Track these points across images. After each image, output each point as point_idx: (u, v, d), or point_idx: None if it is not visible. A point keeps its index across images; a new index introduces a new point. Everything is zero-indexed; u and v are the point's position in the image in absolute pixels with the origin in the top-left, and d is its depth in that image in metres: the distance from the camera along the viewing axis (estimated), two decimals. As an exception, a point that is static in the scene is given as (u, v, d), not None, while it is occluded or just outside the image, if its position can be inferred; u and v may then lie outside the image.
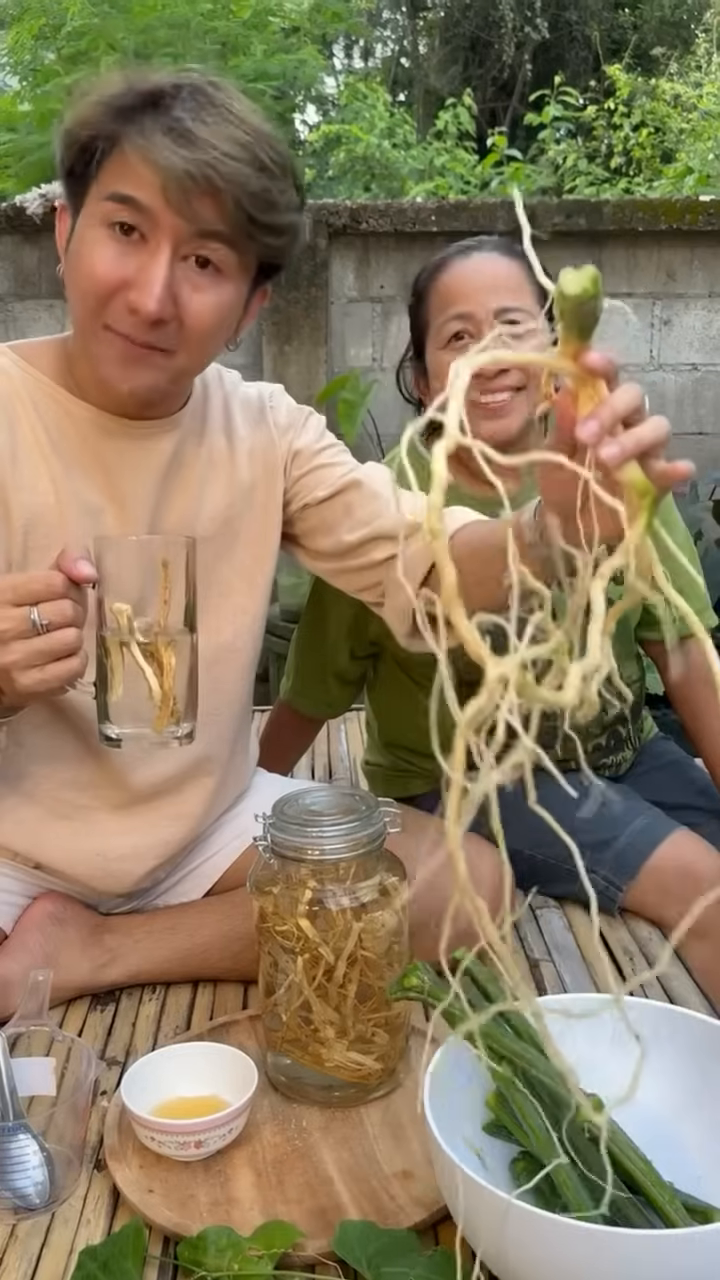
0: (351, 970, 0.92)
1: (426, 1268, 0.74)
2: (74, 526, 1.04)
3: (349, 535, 1.14)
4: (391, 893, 0.94)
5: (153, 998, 1.13)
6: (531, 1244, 0.67)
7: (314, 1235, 0.80)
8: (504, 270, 1.31)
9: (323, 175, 7.15)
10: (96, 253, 0.94)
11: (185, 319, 0.95)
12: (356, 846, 0.92)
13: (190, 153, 0.90)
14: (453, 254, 1.35)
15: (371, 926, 0.92)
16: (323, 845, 0.92)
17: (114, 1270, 0.74)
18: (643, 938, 1.26)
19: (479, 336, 1.29)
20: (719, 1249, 0.66)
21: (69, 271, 0.99)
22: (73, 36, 3.79)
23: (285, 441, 1.17)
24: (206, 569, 1.13)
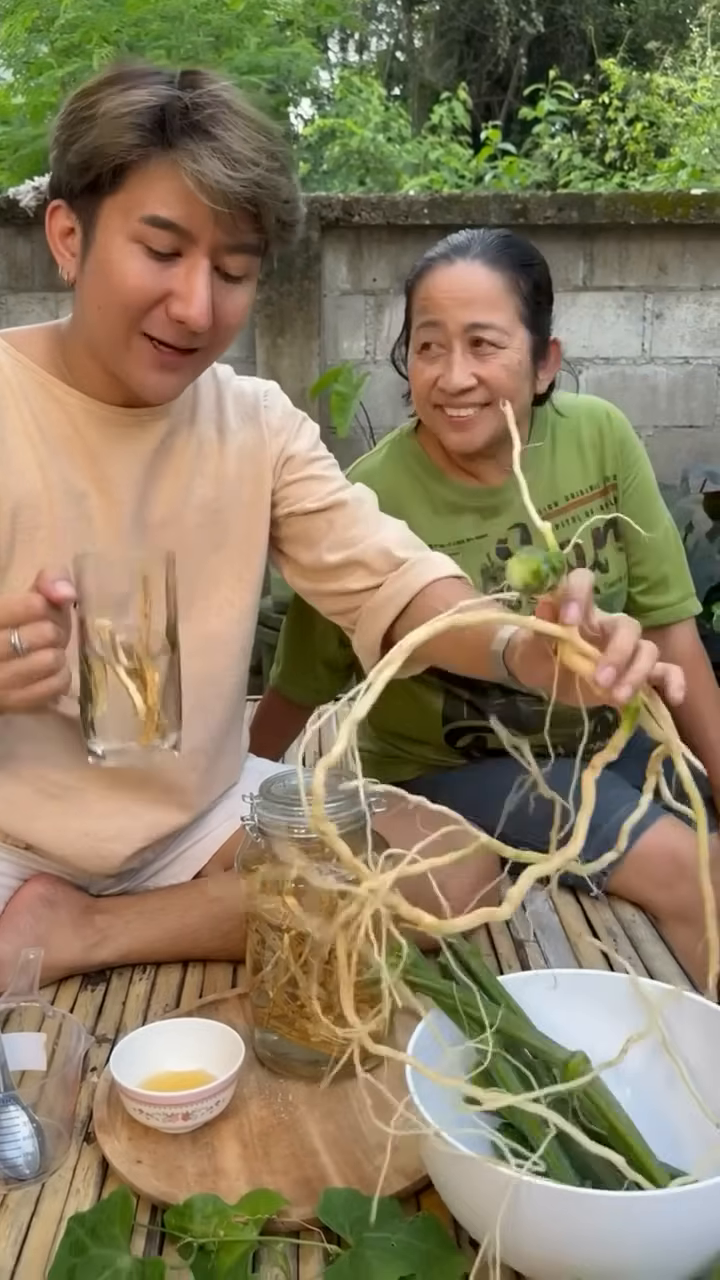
0: (327, 982, 0.93)
1: (408, 1232, 0.76)
2: (59, 511, 1.05)
3: (329, 555, 1.16)
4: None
5: (143, 977, 1.14)
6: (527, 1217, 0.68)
7: (299, 1203, 0.82)
8: (483, 283, 1.30)
9: (317, 169, 7.15)
10: (130, 267, 0.95)
11: (219, 320, 0.99)
12: (342, 825, 0.94)
13: (239, 173, 0.91)
14: (439, 256, 1.34)
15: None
16: (306, 824, 0.93)
17: (102, 1236, 0.76)
18: (626, 919, 1.28)
19: (448, 348, 1.31)
20: (700, 1208, 0.67)
21: (94, 281, 0.98)
22: (66, 29, 3.79)
23: (278, 443, 1.18)
24: (195, 559, 1.14)
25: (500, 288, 1.30)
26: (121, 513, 1.08)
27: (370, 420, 3.31)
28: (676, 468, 3.08)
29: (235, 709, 1.23)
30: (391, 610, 1.13)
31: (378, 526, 1.18)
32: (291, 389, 3.84)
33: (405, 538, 1.18)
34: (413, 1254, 0.74)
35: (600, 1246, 0.67)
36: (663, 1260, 0.68)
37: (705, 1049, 0.84)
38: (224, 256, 0.97)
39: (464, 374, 1.29)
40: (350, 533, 1.16)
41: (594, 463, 1.45)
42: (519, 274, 1.32)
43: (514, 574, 0.71)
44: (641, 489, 1.48)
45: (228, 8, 4.14)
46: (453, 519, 1.41)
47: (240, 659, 1.21)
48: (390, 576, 1.14)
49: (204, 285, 0.95)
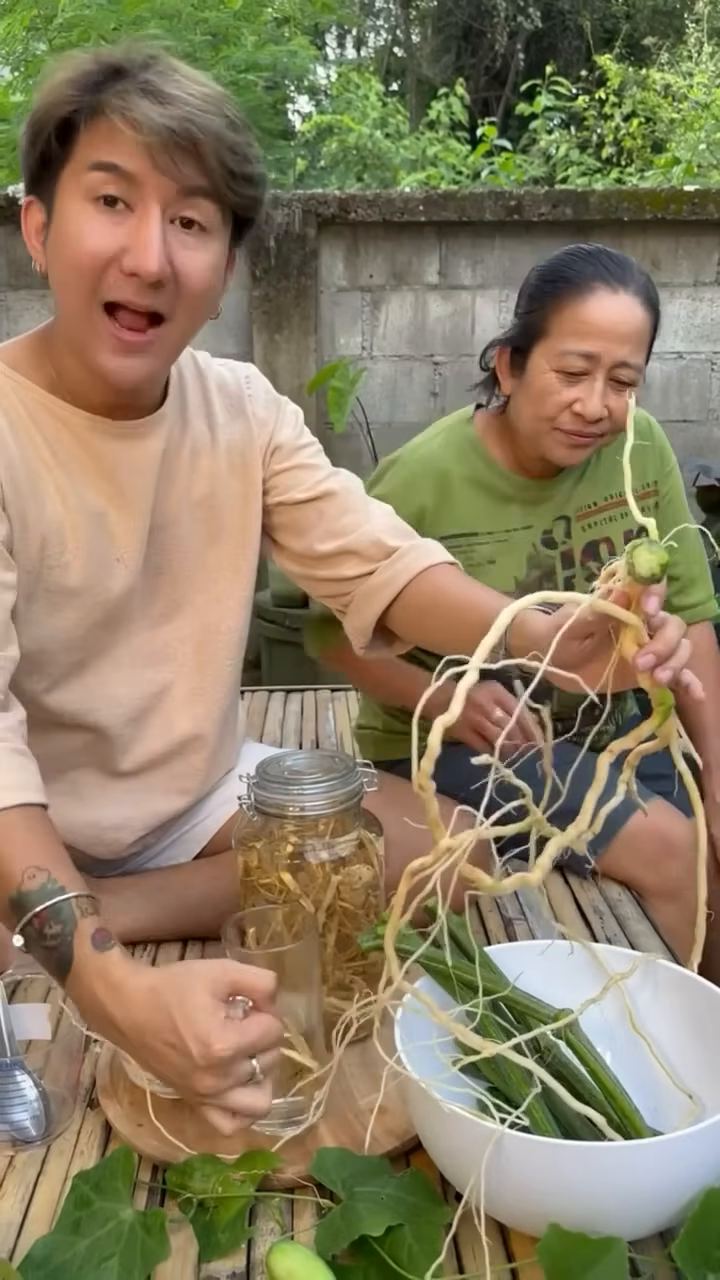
0: (330, 921, 0.97)
1: (397, 1187, 0.80)
2: (82, 533, 1.07)
3: (321, 545, 1.19)
4: (368, 847, 0.99)
5: (144, 954, 1.18)
6: (508, 1168, 0.71)
7: (294, 1163, 0.85)
8: (640, 323, 1.33)
9: (314, 165, 7.17)
10: (84, 227, 0.93)
11: (181, 279, 0.96)
12: (335, 804, 0.98)
13: (168, 109, 0.91)
14: (600, 279, 1.33)
15: (349, 879, 0.97)
16: (303, 802, 0.97)
17: (105, 1190, 0.80)
18: (613, 898, 1.32)
19: (592, 377, 1.33)
20: (670, 1160, 0.71)
21: (55, 256, 0.98)
22: (64, 28, 3.82)
23: (265, 433, 1.20)
24: (194, 553, 1.17)
25: (648, 328, 1.35)
26: (138, 524, 1.10)
27: (367, 415, 3.35)
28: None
29: (233, 697, 1.27)
30: (386, 595, 1.16)
31: (367, 515, 1.20)
32: (288, 384, 3.85)
33: (395, 525, 1.21)
34: (401, 1206, 0.78)
35: (575, 1197, 0.71)
36: (636, 1210, 0.72)
37: (680, 1015, 0.88)
38: (176, 204, 0.94)
39: (601, 405, 1.33)
40: (341, 522, 1.19)
41: (637, 467, 1.51)
42: (655, 315, 1.37)
43: (642, 562, 0.76)
44: (676, 495, 1.57)
45: (225, 6, 4.17)
46: (501, 508, 1.46)
47: (237, 648, 1.24)
48: (383, 564, 1.17)
49: (155, 232, 0.93)
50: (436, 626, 1.14)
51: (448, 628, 1.11)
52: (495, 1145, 0.71)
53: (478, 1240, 0.73)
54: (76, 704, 1.13)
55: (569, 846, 1.28)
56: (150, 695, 1.17)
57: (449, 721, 0.68)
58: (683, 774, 0.83)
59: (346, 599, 1.20)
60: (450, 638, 1.11)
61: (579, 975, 0.92)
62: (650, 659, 0.79)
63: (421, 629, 1.16)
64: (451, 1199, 0.81)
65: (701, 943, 0.89)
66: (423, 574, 1.15)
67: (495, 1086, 0.85)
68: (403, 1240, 0.75)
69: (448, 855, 0.71)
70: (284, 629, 3.18)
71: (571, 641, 0.84)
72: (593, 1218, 0.71)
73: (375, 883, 1.00)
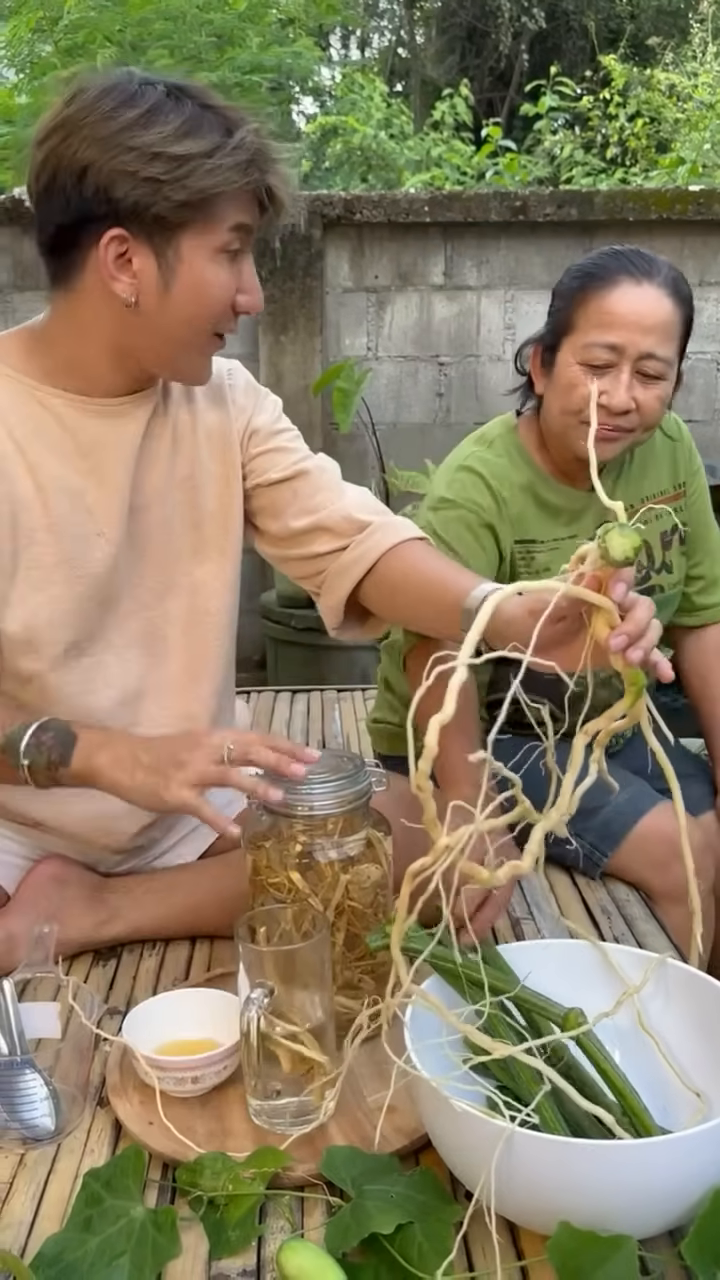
0: (339, 920, 0.98)
1: (406, 1185, 0.80)
2: (55, 509, 1.09)
3: (294, 522, 1.22)
4: (377, 847, 1.00)
5: (152, 953, 1.18)
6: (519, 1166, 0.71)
7: (303, 1161, 0.86)
8: (667, 314, 1.32)
9: (319, 166, 7.17)
10: (219, 276, 1.05)
11: None
12: (344, 803, 0.98)
13: (288, 190, 1.07)
14: (625, 272, 1.34)
15: (358, 878, 0.97)
16: (312, 802, 0.97)
17: (116, 1188, 0.80)
18: (620, 898, 1.32)
19: (617, 369, 1.32)
20: (679, 1158, 0.71)
21: (185, 300, 1.04)
22: (70, 29, 3.82)
23: (243, 418, 1.23)
24: (178, 535, 1.19)
25: (676, 320, 1.34)
26: (117, 501, 1.12)
27: (372, 416, 3.35)
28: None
29: (226, 681, 1.27)
30: (357, 572, 1.18)
31: (340, 493, 1.23)
32: (294, 385, 3.86)
33: (367, 502, 1.24)
34: (410, 1204, 0.78)
35: (585, 1195, 0.71)
36: (646, 1208, 0.72)
37: (689, 1015, 0.88)
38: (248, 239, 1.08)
39: (628, 395, 1.32)
40: (314, 499, 1.22)
41: (668, 468, 1.52)
42: (686, 310, 1.36)
43: (615, 545, 0.78)
44: (702, 495, 1.57)
45: (230, 7, 4.17)
46: (551, 517, 1.46)
47: (227, 629, 1.25)
48: (355, 540, 1.19)
49: (254, 272, 1.08)
50: (405, 604, 1.17)
51: (416, 604, 1.15)
52: (505, 1143, 0.71)
53: (488, 1238, 0.73)
54: (75, 685, 1.14)
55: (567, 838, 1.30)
56: (142, 677, 1.18)
57: (445, 720, 0.69)
58: (655, 753, 0.83)
59: (320, 578, 1.23)
60: (419, 614, 1.16)
61: (587, 973, 0.93)
62: (622, 640, 0.82)
63: (393, 606, 1.19)
64: (461, 1197, 0.81)
65: (699, 932, 0.89)
66: (393, 549, 1.17)
67: (504, 1085, 0.85)
68: (413, 1238, 0.75)
69: (447, 854, 0.71)
70: (290, 629, 3.19)
71: (544, 626, 0.84)
72: (603, 1216, 0.71)
73: (384, 882, 1.00)
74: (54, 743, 1.02)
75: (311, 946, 0.89)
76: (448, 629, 1.07)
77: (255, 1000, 0.86)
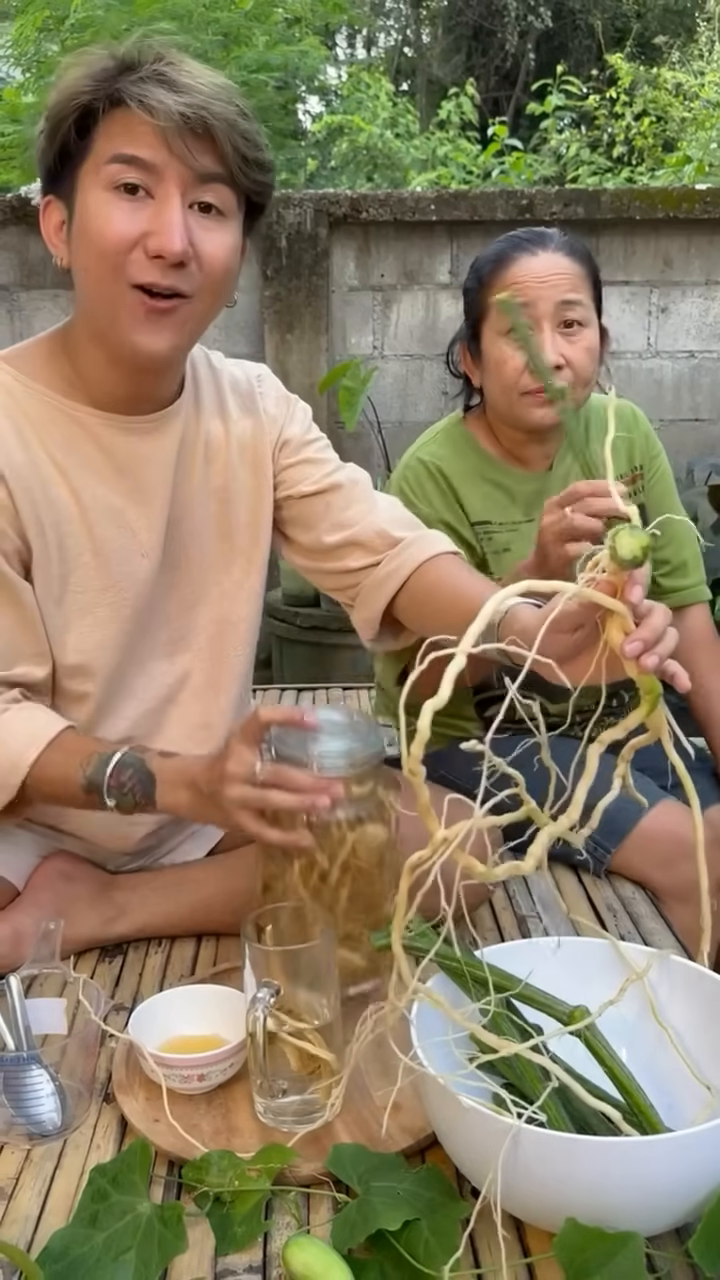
0: (344, 876, 0.96)
1: (413, 1182, 0.80)
2: (100, 531, 1.09)
3: (328, 537, 1.21)
4: (386, 807, 0.98)
5: (158, 950, 1.18)
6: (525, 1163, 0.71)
7: (309, 1159, 0.86)
8: (569, 268, 1.37)
9: (325, 165, 7.17)
10: (107, 214, 0.97)
11: (202, 259, 1.00)
12: (355, 763, 0.96)
13: (182, 97, 0.95)
14: (519, 249, 1.39)
15: (364, 838, 0.96)
16: (323, 760, 0.96)
17: (123, 1184, 0.80)
18: (626, 896, 1.32)
19: (539, 330, 1.35)
20: (685, 1155, 0.71)
21: (79, 246, 1.00)
22: (76, 29, 3.83)
23: (275, 428, 1.22)
24: (209, 545, 1.18)
25: (580, 273, 1.39)
26: (157, 518, 1.12)
27: (378, 415, 3.35)
28: (681, 461, 3.11)
29: (244, 688, 1.28)
30: (391, 586, 1.18)
31: (373, 506, 1.22)
32: (300, 384, 3.85)
33: (400, 516, 1.24)
34: (417, 1201, 0.78)
35: (592, 1191, 0.71)
36: (652, 1205, 0.72)
37: (694, 1011, 0.88)
38: (194, 189, 0.98)
39: (555, 352, 1.35)
40: (347, 514, 1.21)
41: (623, 453, 1.53)
42: (589, 265, 1.41)
43: (624, 546, 0.76)
44: (663, 479, 1.58)
45: (236, 6, 4.17)
46: (506, 502, 1.48)
47: (250, 638, 1.25)
48: (388, 555, 1.19)
49: (176, 214, 0.97)
50: (433, 616, 1.16)
51: (443, 617, 1.13)
52: (513, 1140, 0.71)
53: (494, 1235, 0.73)
54: (115, 699, 1.15)
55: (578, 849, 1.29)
56: (169, 686, 1.19)
57: (439, 705, 0.69)
58: (675, 765, 0.82)
59: (354, 591, 1.22)
60: (445, 627, 1.11)
61: (592, 971, 0.92)
62: (638, 645, 0.80)
63: (423, 619, 1.19)
64: (467, 1194, 0.81)
65: (709, 933, 0.89)
66: (425, 564, 1.17)
67: (510, 1082, 0.85)
68: (420, 1235, 0.75)
69: (445, 846, 0.70)
70: (295, 628, 3.19)
71: (560, 635, 0.85)
72: (609, 1213, 0.71)
73: (391, 843, 0.98)
74: (134, 783, 1.02)
75: (318, 947, 0.89)
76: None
77: (261, 1000, 0.86)
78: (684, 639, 1.60)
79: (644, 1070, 0.86)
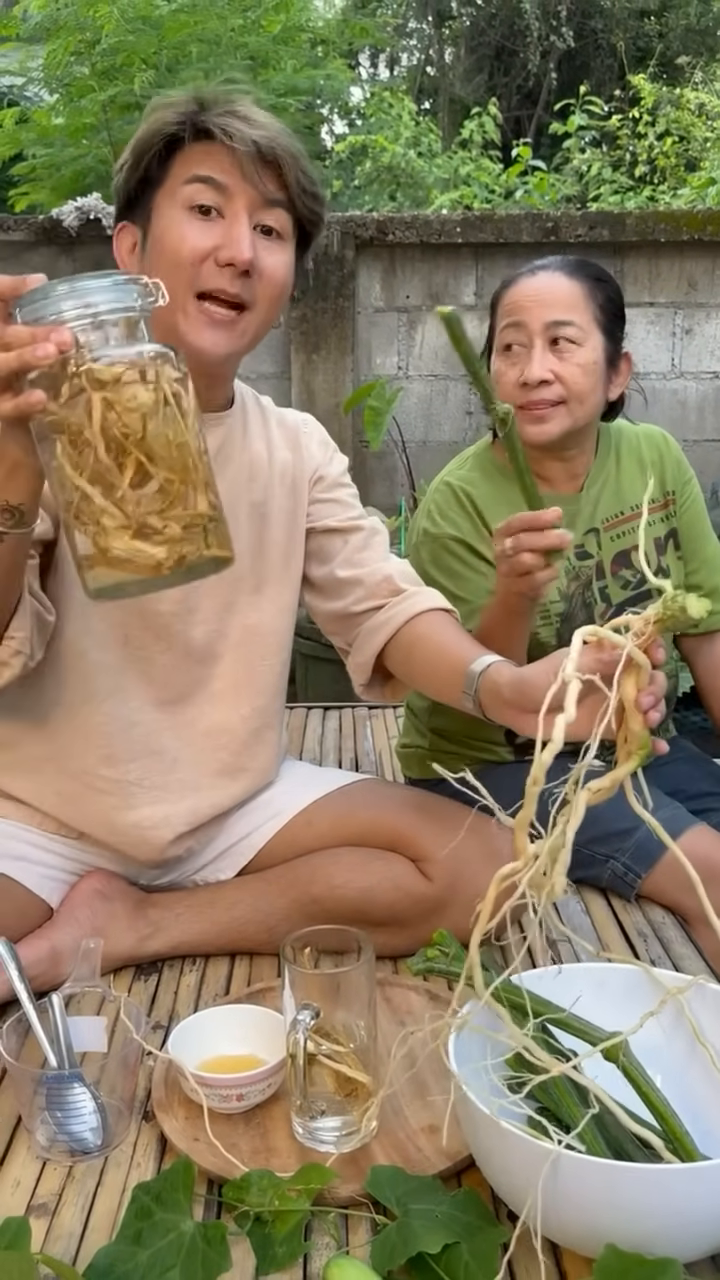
0: (123, 455, 0.82)
1: (451, 1205, 0.81)
2: None
3: (340, 571, 1.28)
4: (152, 372, 0.84)
5: (193, 969, 1.20)
6: (565, 1188, 0.72)
7: (348, 1180, 0.87)
8: (563, 287, 1.41)
9: (349, 185, 7.23)
10: (183, 230, 1.07)
11: (263, 273, 1.10)
12: (96, 318, 0.84)
13: (254, 131, 1.08)
14: (523, 272, 1.46)
15: (121, 399, 0.82)
16: (62, 315, 0.83)
17: (166, 1201, 0.81)
18: (656, 921, 1.32)
19: (530, 347, 1.39)
20: None
21: (155, 261, 1.09)
22: (108, 53, 3.88)
23: (313, 463, 1.30)
24: (246, 557, 1.23)
25: (578, 293, 1.41)
26: None
27: (403, 434, 3.37)
28: (706, 481, 3.11)
29: (271, 702, 1.30)
30: (384, 634, 1.24)
31: (386, 557, 1.30)
32: (325, 403, 3.88)
33: (407, 572, 1.31)
34: (455, 1225, 0.79)
35: (630, 1217, 0.72)
36: (690, 1231, 0.73)
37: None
38: (259, 212, 1.09)
39: (542, 368, 1.39)
40: (361, 554, 1.29)
41: (655, 478, 1.55)
42: (594, 285, 1.44)
43: (694, 609, 0.82)
44: (695, 505, 1.60)
45: (264, 30, 4.22)
46: None
47: (279, 651, 1.29)
48: (390, 602, 1.25)
49: (245, 229, 1.08)
50: (419, 666, 1.22)
51: (425, 668, 1.20)
52: (552, 1165, 0.72)
53: (532, 1259, 0.74)
54: (110, 698, 1.18)
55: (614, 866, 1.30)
56: (189, 684, 1.22)
57: (569, 720, 0.76)
58: (643, 818, 0.86)
59: (352, 635, 1.29)
60: (425, 682, 1.21)
61: (625, 998, 0.93)
62: (650, 699, 0.86)
63: (410, 669, 1.24)
64: (504, 1218, 0.82)
65: None
66: (417, 617, 1.23)
67: (545, 1107, 0.86)
68: (459, 1258, 0.76)
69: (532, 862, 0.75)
70: (319, 645, 3.19)
71: (511, 708, 0.95)
72: (647, 1239, 0.71)
73: (156, 411, 0.83)
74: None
75: (356, 970, 0.90)
76: (451, 694, 1.12)
77: (302, 1022, 0.88)
78: (716, 664, 1.62)
79: (676, 1097, 0.86)
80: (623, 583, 1.52)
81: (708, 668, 1.61)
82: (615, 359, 1.46)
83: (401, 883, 1.20)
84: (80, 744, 1.18)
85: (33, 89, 5.30)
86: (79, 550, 0.84)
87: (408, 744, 1.65)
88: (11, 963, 1.01)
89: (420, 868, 1.21)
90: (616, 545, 1.52)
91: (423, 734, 1.61)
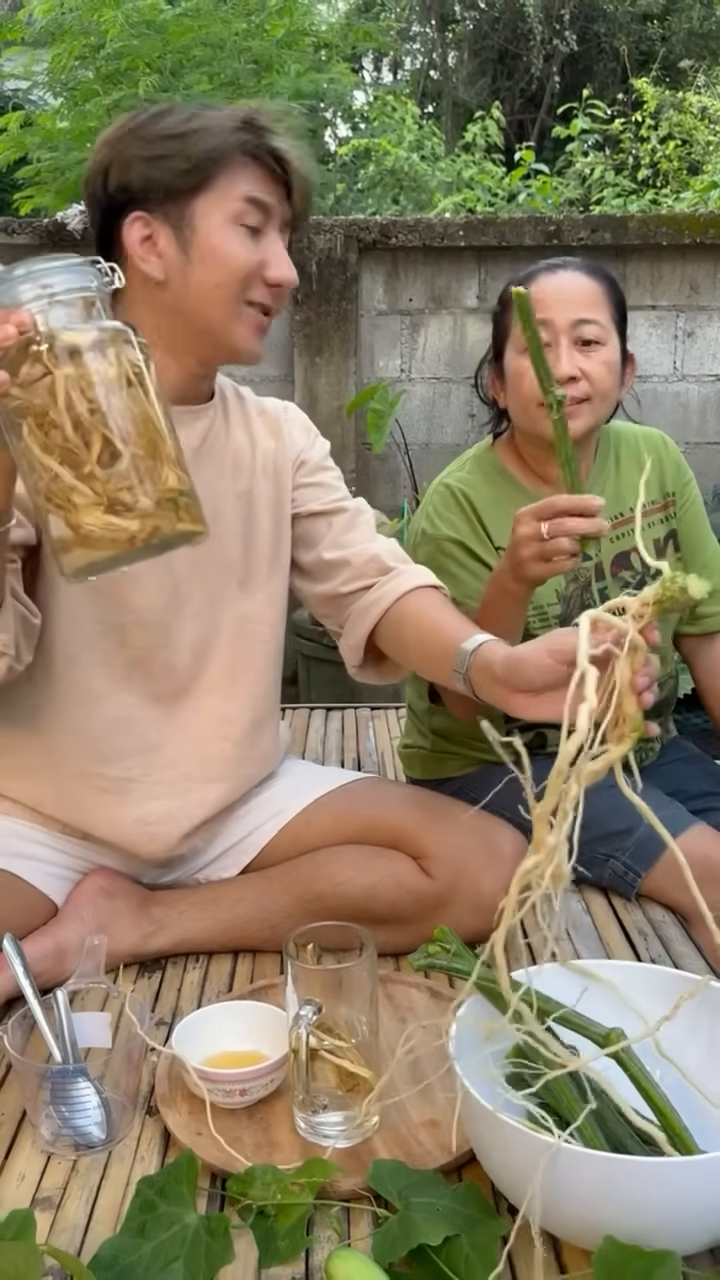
0: (92, 436, 0.83)
1: (452, 1199, 0.82)
2: None
3: (326, 553, 1.29)
4: (111, 347, 0.85)
5: (196, 966, 1.21)
6: (564, 1181, 0.73)
7: (350, 1174, 0.88)
8: (585, 286, 1.42)
9: (352, 188, 7.25)
10: (235, 246, 1.12)
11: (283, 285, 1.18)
12: (53, 296, 0.85)
13: (303, 166, 1.16)
14: (540, 269, 1.46)
15: (85, 375, 0.83)
16: (18, 296, 0.85)
17: (170, 1195, 0.82)
18: (656, 919, 1.33)
19: (555, 344, 1.40)
20: None
21: (203, 265, 1.12)
22: (112, 57, 3.89)
23: (296, 450, 1.31)
24: (234, 546, 1.25)
25: (599, 292, 1.43)
26: None
27: (405, 437, 3.38)
28: (707, 484, 3.12)
29: (266, 689, 1.31)
30: (375, 614, 1.24)
31: (372, 537, 1.31)
32: (328, 406, 3.88)
33: (395, 550, 1.31)
34: (456, 1218, 0.80)
35: (629, 1210, 0.73)
36: (688, 1224, 0.74)
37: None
38: (284, 232, 1.17)
39: (570, 365, 1.39)
40: (346, 536, 1.30)
41: (655, 480, 1.55)
42: (610, 286, 1.46)
43: (695, 589, 0.82)
44: (694, 507, 1.61)
45: (268, 35, 4.23)
46: None
47: (272, 639, 1.30)
48: (378, 582, 1.26)
49: (286, 254, 1.16)
50: (410, 646, 1.22)
51: (417, 647, 1.20)
52: (552, 1158, 0.72)
53: (531, 1252, 0.75)
54: (109, 696, 1.19)
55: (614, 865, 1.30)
56: (187, 679, 1.23)
57: (592, 709, 0.77)
58: (633, 802, 0.85)
59: (343, 616, 1.29)
60: (420, 658, 1.21)
61: (624, 995, 0.94)
62: (645, 680, 0.85)
63: (401, 649, 1.24)
64: (503, 1211, 0.83)
65: None
66: (408, 595, 1.23)
67: (545, 1103, 0.87)
68: (460, 1250, 0.77)
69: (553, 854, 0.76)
70: (321, 646, 3.21)
71: (561, 665, 0.93)
72: (646, 1231, 0.72)
73: (120, 386, 0.85)
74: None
75: (359, 965, 0.91)
76: (442, 672, 1.12)
77: (305, 1017, 0.88)
78: (716, 665, 1.63)
79: (676, 1094, 0.87)
80: (622, 584, 1.53)
81: (708, 669, 1.61)
82: (624, 359, 1.47)
83: (403, 880, 1.20)
84: (74, 745, 1.19)
85: (37, 93, 5.33)
86: (53, 534, 0.85)
87: (409, 744, 1.66)
88: (17, 959, 1.02)
89: (422, 865, 1.21)
90: (616, 546, 1.53)
91: (424, 734, 1.62)
